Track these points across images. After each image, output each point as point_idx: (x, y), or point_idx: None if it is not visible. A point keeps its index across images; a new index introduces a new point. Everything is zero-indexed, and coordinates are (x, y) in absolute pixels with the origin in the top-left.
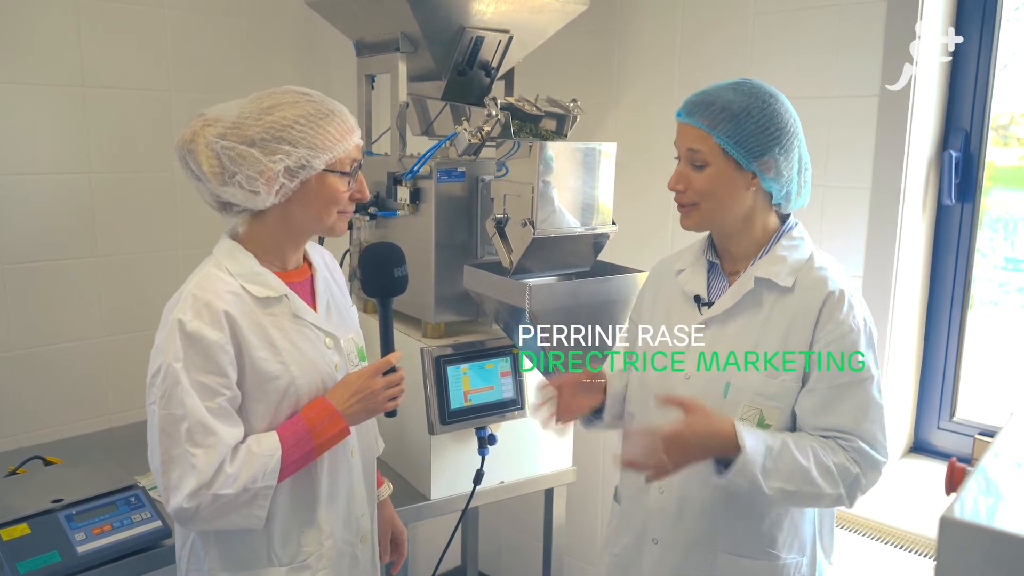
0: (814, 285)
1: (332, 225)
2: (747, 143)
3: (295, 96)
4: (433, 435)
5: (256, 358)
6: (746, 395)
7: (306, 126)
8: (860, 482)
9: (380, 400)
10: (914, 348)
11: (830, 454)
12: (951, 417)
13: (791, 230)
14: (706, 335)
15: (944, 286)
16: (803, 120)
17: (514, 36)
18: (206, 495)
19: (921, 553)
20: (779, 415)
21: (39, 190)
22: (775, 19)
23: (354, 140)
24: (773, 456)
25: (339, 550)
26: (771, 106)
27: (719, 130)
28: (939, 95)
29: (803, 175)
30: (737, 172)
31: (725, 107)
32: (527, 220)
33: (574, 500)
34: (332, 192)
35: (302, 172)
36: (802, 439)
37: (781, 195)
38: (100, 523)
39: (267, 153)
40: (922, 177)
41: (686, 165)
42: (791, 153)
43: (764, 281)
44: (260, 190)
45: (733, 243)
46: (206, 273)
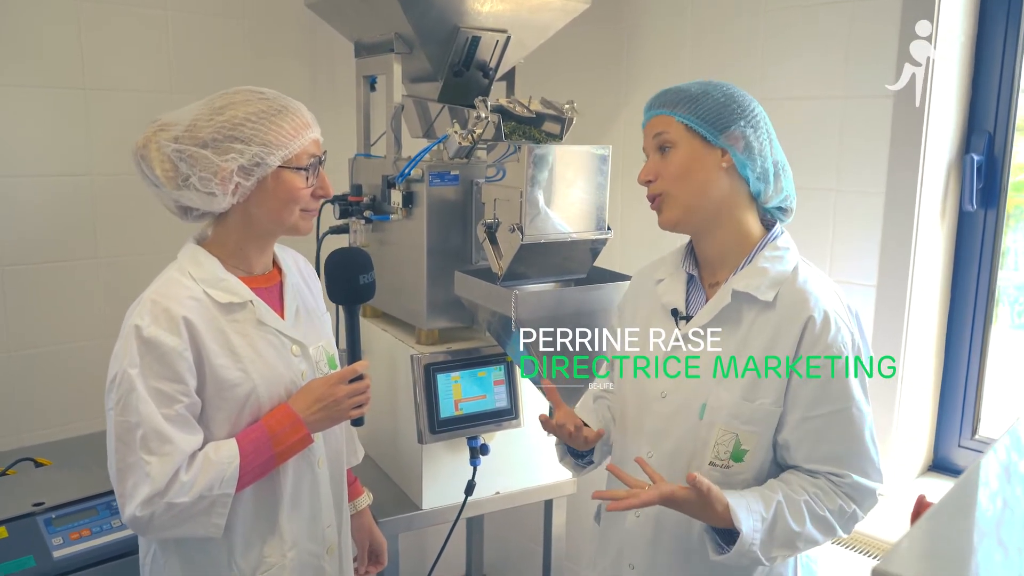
0: (797, 302)
1: (295, 224)
2: (710, 116)
3: (247, 95)
4: (423, 444)
5: (216, 365)
6: (722, 418)
7: (258, 123)
8: (857, 516)
9: (344, 408)
10: (933, 362)
11: (824, 502)
12: (973, 435)
13: (775, 239)
14: (683, 351)
15: (966, 296)
16: (814, 121)
17: (512, 36)
18: (160, 503)
19: None
20: (756, 440)
21: (41, 192)
22: (787, 15)
23: (310, 135)
24: (768, 529)
25: (303, 561)
26: (732, 90)
27: (679, 109)
28: (960, 95)
29: (780, 170)
30: (705, 150)
31: (684, 91)
32: (515, 226)
33: (576, 510)
34: (290, 189)
35: (257, 170)
36: (793, 496)
37: (756, 176)
38: (78, 528)
39: (219, 153)
40: (941, 182)
41: (654, 155)
42: (759, 130)
43: (743, 295)
44: (216, 191)
45: (711, 246)
46: (167, 278)
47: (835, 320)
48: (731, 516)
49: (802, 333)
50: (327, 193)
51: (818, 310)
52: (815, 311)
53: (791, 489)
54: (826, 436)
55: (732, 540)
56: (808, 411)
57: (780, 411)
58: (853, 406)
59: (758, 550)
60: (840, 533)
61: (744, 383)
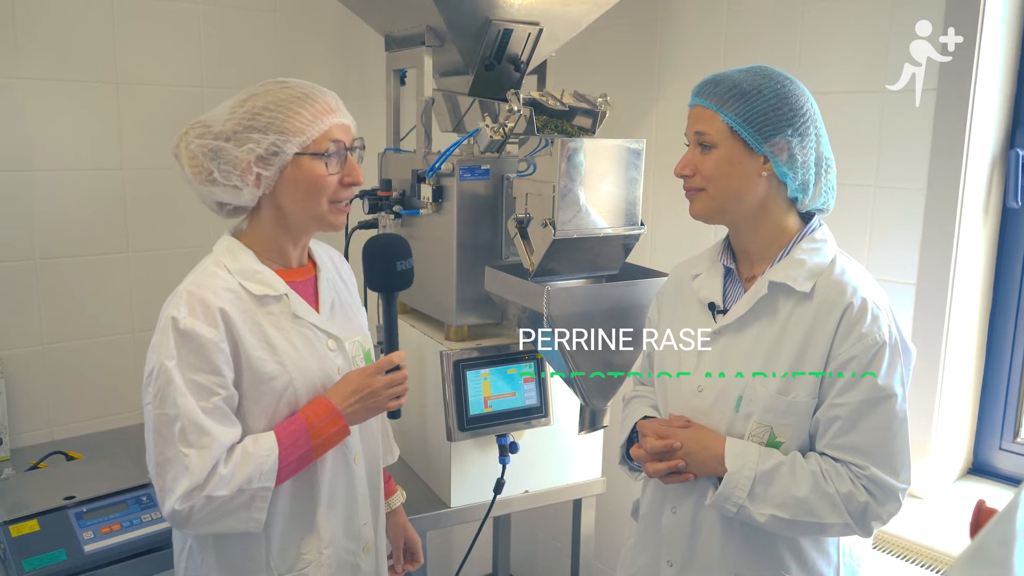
0: (834, 292)
1: (323, 216)
2: (756, 121)
3: (270, 86)
4: (452, 442)
5: (253, 357)
6: (757, 410)
7: (275, 111)
8: (872, 511)
9: (381, 399)
10: (973, 362)
11: (834, 481)
12: (1015, 437)
13: (813, 231)
14: (719, 344)
15: (1009, 295)
16: (853, 115)
17: (544, 28)
18: (199, 497)
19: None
20: (791, 433)
21: (72, 186)
22: (824, 6)
23: (332, 120)
24: (764, 481)
25: (339, 559)
26: (785, 87)
27: (727, 108)
28: (1005, 88)
29: (824, 171)
30: (747, 155)
31: (735, 85)
32: (548, 220)
33: (605, 509)
34: (311, 177)
35: (276, 159)
36: (805, 464)
37: (796, 185)
38: (109, 522)
39: (238, 144)
40: (984, 177)
41: (694, 149)
42: (807, 139)
43: (780, 286)
44: (238, 183)
45: (748, 240)
46: (203, 270)
47: (872, 308)
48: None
49: (839, 321)
50: (356, 180)
51: (856, 297)
52: (853, 298)
53: (803, 463)
54: (857, 426)
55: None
56: (838, 397)
57: (815, 402)
58: (886, 398)
59: (744, 496)
60: (849, 520)
61: (780, 376)
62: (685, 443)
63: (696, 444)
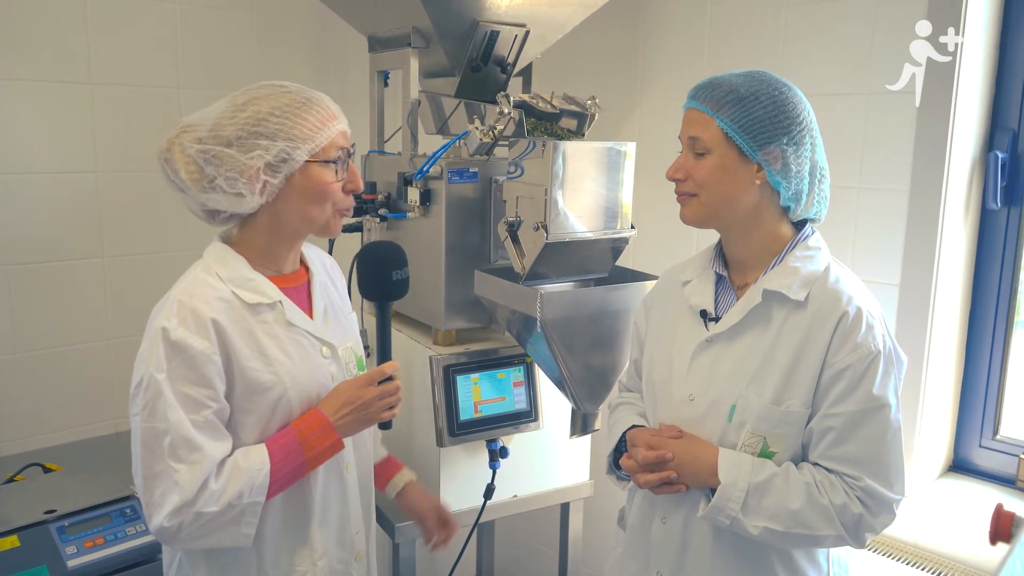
0: (829, 301)
1: (327, 223)
2: (752, 129)
3: (270, 89)
4: (442, 447)
5: (246, 368)
6: (751, 420)
7: (282, 117)
8: (865, 522)
9: (374, 411)
10: (954, 361)
11: (828, 493)
12: (994, 435)
13: (807, 239)
14: (712, 352)
15: (988, 295)
16: (838, 118)
17: (531, 30)
18: (188, 513)
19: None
20: (785, 443)
21: (45, 189)
22: (808, 8)
23: (337, 127)
24: (758, 493)
25: (332, 569)
26: (783, 94)
27: (723, 113)
28: (984, 92)
29: (818, 180)
30: (740, 162)
31: (732, 90)
32: (540, 224)
33: (592, 513)
34: (319, 184)
35: (284, 166)
36: (799, 476)
37: (789, 195)
38: (92, 536)
39: (245, 151)
40: (965, 179)
41: (687, 154)
42: (802, 148)
43: (774, 294)
44: (243, 191)
45: (740, 247)
46: (194, 278)
47: (867, 317)
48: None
49: (834, 331)
50: (357, 187)
51: (851, 307)
52: (849, 307)
53: (798, 470)
54: (849, 436)
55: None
56: (832, 408)
57: (809, 412)
58: (880, 408)
59: (738, 508)
60: (843, 532)
61: (774, 385)
62: (677, 454)
63: (688, 455)
